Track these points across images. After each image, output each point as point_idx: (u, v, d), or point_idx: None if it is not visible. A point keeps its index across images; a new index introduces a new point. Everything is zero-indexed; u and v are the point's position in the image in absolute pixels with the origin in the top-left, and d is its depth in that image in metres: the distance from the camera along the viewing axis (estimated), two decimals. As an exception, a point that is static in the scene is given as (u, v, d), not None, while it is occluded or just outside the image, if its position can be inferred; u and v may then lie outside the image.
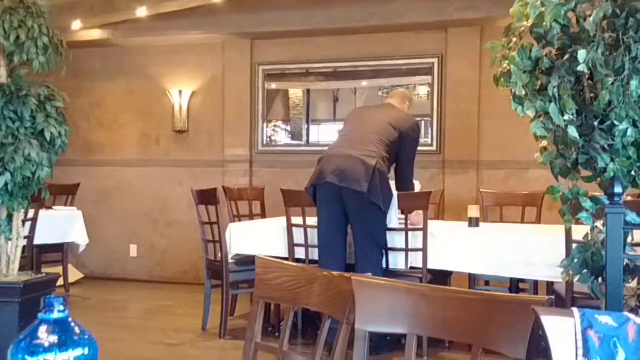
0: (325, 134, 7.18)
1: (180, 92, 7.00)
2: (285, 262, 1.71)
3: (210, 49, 6.95)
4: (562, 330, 1.08)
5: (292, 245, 4.30)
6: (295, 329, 4.59)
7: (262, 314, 1.68)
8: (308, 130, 7.04)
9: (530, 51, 2.25)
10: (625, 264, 2.24)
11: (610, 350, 1.07)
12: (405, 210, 4.05)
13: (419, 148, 4.40)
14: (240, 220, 5.15)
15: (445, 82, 6.19)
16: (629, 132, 2.09)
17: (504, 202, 5.01)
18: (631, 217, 2.25)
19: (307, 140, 6.99)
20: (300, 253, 4.29)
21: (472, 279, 4.41)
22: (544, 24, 2.20)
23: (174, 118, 6.99)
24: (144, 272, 7.12)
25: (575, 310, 1.11)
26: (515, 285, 4.36)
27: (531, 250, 3.86)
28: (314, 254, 4.21)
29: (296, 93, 7.19)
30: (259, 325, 1.61)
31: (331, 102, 7.39)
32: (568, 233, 3.29)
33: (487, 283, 4.70)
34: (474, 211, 4.26)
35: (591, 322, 1.09)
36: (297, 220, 4.28)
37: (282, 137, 7.12)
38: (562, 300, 3.42)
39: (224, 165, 6.97)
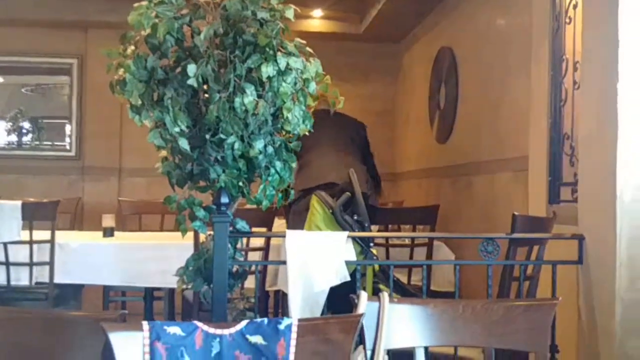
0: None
1: None
2: None
3: None
4: (130, 345, 1.07)
5: None
6: None
7: None
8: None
9: (146, 61, 2.25)
10: (235, 269, 2.39)
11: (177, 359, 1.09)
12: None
13: (57, 153, 4.07)
14: None
15: (85, 85, 5.94)
16: (237, 146, 2.22)
17: (143, 210, 4.99)
18: (241, 224, 2.41)
19: None
20: None
21: (107, 291, 4.27)
22: (159, 35, 2.22)
23: None
24: None
25: (144, 323, 1.11)
26: (150, 294, 4.35)
27: (166, 258, 3.88)
28: None
29: None
30: None
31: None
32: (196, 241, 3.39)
33: (123, 294, 4.61)
34: (108, 220, 4.15)
35: (159, 334, 1.10)
36: None
37: None
38: (190, 307, 3.52)
39: None
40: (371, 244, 2.98)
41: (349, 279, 2.18)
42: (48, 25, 5.84)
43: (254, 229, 3.00)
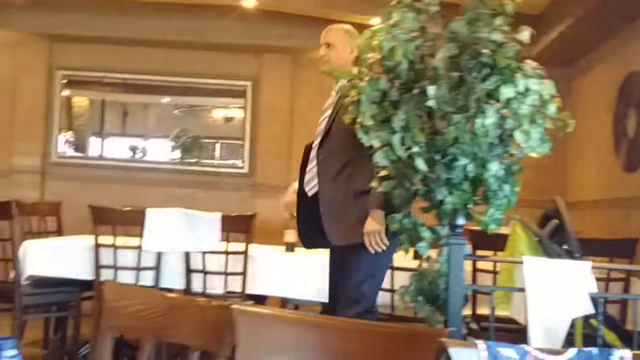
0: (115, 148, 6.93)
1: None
2: (146, 288, 1.52)
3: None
4: (468, 363, 1.07)
5: (98, 267, 3.95)
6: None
7: (110, 348, 1.49)
8: (102, 142, 6.74)
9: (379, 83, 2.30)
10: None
11: (513, 383, 1.08)
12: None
13: (231, 170, 4.24)
14: (33, 238, 4.63)
15: (258, 106, 6.20)
16: (470, 167, 2.20)
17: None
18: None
19: (100, 154, 6.66)
20: (107, 275, 3.95)
21: (284, 303, 4.39)
22: (395, 57, 2.26)
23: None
24: None
25: (479, 342, 1.10)
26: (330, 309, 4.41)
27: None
28: (123, 277, 3.91)
29: (83, 101, 6.86)
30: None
31: (121, 115, 7.17)
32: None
33: (296, 307, 4.71)
34: (290, 236, 4.27)
35: (496, 355, 1.09)
36: (104, 239, 3.96)
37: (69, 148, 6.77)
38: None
39: (10, 175, 6.29)
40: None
41: (593, 311, 2.09)
42: (227, 49, 6.17)
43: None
